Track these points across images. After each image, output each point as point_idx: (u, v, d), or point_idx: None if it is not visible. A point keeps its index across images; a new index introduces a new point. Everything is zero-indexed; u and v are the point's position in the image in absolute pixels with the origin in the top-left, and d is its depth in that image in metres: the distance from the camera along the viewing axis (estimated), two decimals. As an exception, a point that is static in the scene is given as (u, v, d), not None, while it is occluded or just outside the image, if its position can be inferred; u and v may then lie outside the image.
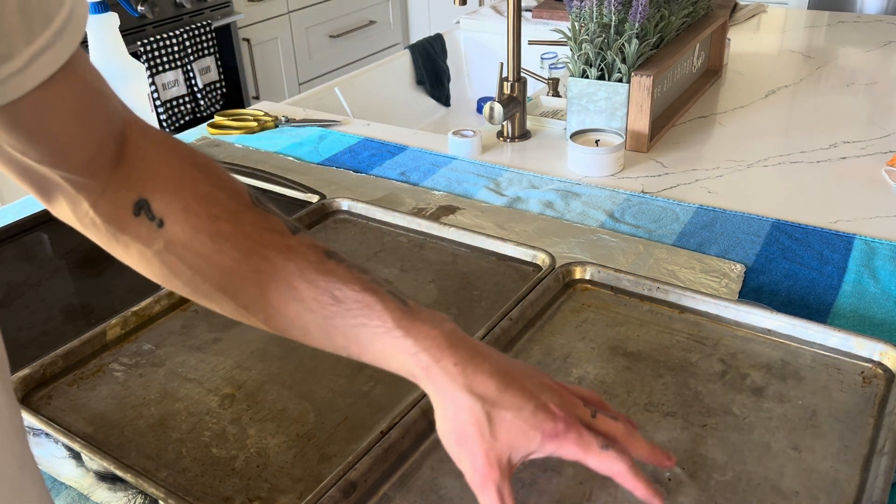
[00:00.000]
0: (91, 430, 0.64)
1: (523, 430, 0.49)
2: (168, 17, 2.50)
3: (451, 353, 0.50)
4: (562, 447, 0.50)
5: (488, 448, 0.49)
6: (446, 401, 0.50)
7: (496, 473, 0.49)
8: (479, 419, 0.49)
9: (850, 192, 1.02)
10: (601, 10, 1.12)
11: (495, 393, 0.49)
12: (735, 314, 0.73)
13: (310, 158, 1.18)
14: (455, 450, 0.51)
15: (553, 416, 0.50)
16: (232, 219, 0.50)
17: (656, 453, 0.53)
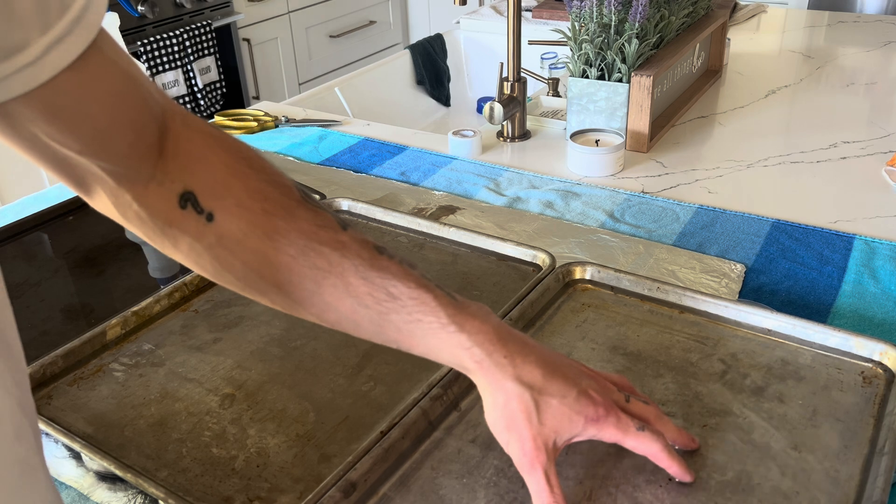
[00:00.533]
0: (91, 430, 0.64)
1: (568, 416, 0.53)
2: (168, 17, 2.50)
3: (502, 346, 0.53)
4: (602, 430, 0.53)
5: (536, 433, 0.52)
6: (497, 391, 0.53)
7: (543, 456, 0.52)
8: (528, 406, 0.52)
9: (850, 192, 1.02)
10: (601, 10, 1.12)
11: (542, 381, 0.53)
12: (735, 314, 0.73)
13: (310, 158, 1.18)
14: (504, 435, 0.53)
15: (594, 402, 0.53)
16: (286, 215, 0.50)
17: (683, 435, 0.58)
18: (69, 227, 1.00)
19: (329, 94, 1.53)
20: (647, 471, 0.57)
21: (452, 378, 0.65)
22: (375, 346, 0.72)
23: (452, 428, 0.62)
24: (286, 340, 0.74)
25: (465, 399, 0.65)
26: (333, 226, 0.52)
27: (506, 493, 0.56)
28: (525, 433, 0.52)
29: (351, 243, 0.52)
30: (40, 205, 1.06)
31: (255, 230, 0.50)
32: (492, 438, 0.61)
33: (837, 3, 2.52)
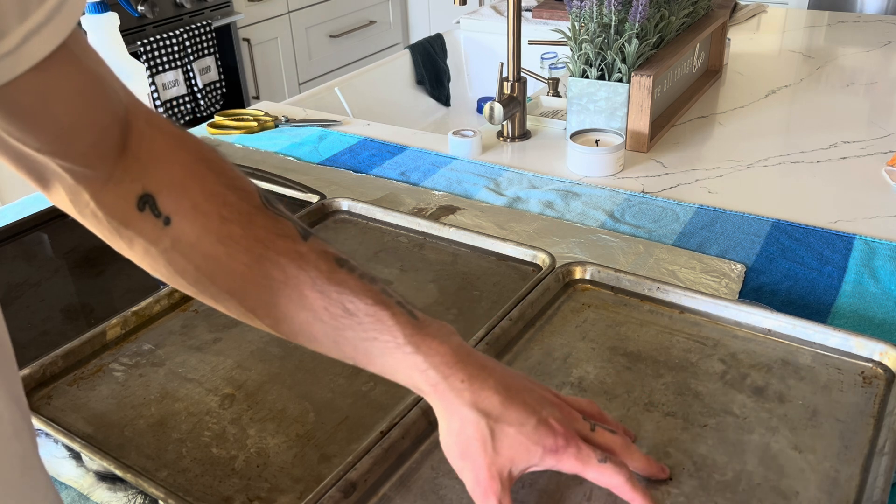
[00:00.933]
0: (91, 430, 0.64)
1: (525, 445, 0.51)
2: (168, 17, 2.50)
3: (460, 370, 0.51)
4: (561, 461, 0.51)
5: (490, 462, 0.50)
6: (452, 416, 0.51)
7: (497, 486, 0.51)
8: (484, 434, 0.50)
9: (850, 192, 1.02)
10: (601, 10, 1.12)
11: (499, 409, 0.51)
12: (735, 314, 0.73)
13: (310, 158, 1.18)
14: (458, 462, 0.52)
15: (553, 432, 0.51)
16: (243, 221, 0.49)
17: (652, 465, 0.56)
18: (69, 227, 1.00)
19: (329, 94, 1.53)
20: (647, 471, 0.57)
21: (452, 378, 0.65)
22: (375, 346, 0.72)
23: (452, 428, 0.62)
24: (286, 340, 0.73)
25: (465, 399, 0.65)
26: (293, 235, 0.50)
27: (506, 493, 0.56)
28: (480, 462, 0.51)
29: (309, 254, 0.50)
30: (40, 205, 1.06)
31: (209, 235, 0.48)
32: (492, 438, 0.61)
33: (837, 3, 2.52)
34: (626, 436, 0.56)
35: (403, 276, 0.83)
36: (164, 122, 0.50)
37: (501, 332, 0.71)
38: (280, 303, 0.50)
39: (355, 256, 0.86)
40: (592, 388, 0.66)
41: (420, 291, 0.80)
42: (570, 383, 0.66)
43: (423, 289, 0.81)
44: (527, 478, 0.57)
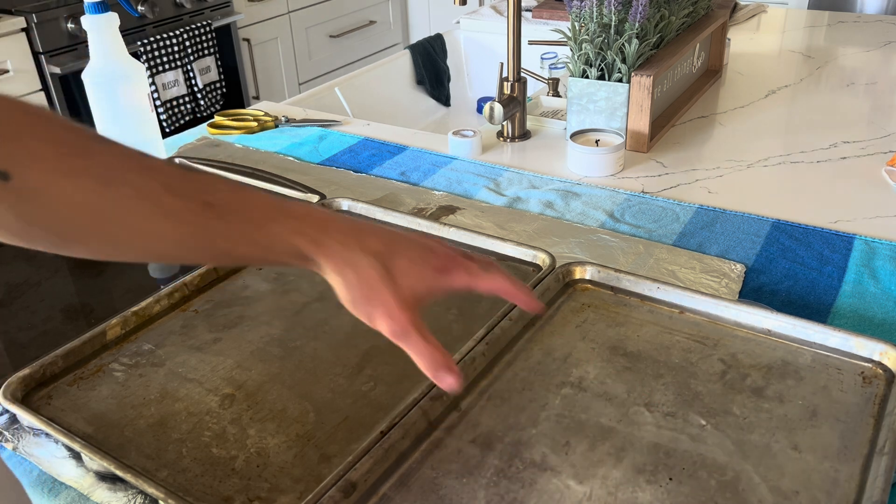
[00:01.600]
0: (91, 430, 0.64)
1: (418, 271, 0.55)
2: (168, 17, 2.50)
3: (335, 223, 0.54)
4: (452, 277, 0.56)
5: (395, 295, 0.53)
6: (345, 268, 0.53)
7: (410, 314, 0.53)
8: (380, 272, 0.53)
9: (850, 192, 1.02)
10: (601, 10, 1.12)
11: (385, 247, 0.54)
12: (735, 314, 0.73)
13: (310, 158, 1.18)
14: (367, 309, 0.53)
15: (438, 255, 0.56)
16: (83, 153, 0.47)
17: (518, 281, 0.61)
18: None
19: (329, 94, 1.53)
20: (647, 471, 0.57)
21: (452, 378, 0.65)
22: (375, 346, 0.72)
23: (452, 428, 0.62)
24: (286, 340, 0.74)
25: (465, 399, 0.65)
26: (135, 154, 0.49)
27: (506, 493, 0.56)
28: (387, 297, 0.53)
29: (157, 164, 0.50)
30: (40, 205, 1.06)
31: (54, 175, 0.46)
32: (492, 438, 0.61)
33: (837, 3, 2.52)
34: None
35: (403, 276, 0.83)
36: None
37: (501, 332, 0.71)
38: (140, 221, 0.49)
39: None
40: (592, 388, 0.66)
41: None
42: (570, 383, 0.66)
43: (423, 289, 0.81)
44: (526, 478, 0.57)
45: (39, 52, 2.22)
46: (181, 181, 0.50)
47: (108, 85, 1.08)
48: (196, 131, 1.31)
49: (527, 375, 0.68)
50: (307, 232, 0.52)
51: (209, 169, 0.53)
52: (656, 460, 0.58)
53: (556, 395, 0.65)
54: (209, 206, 0.50)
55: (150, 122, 1.14)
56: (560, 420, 0.62)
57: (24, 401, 0.66)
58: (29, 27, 2.18)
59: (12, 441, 0.64)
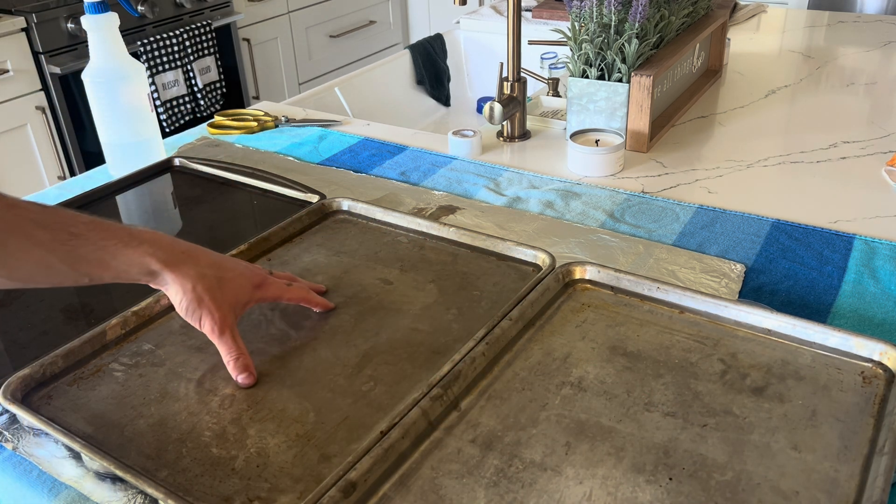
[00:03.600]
0: (91, 430, 0.64)
1: (239, 285, 0.70)
2: (168, 17, 2.50)
3: (177, 247, 0.67)
4: (265, 292, 0.72)
5: (221, 302, 0.67)
6: (185, 280, 0.66)
7: (231, 319, 0.68)
8: (212, 283, 0.67)
9: (850, 192, 1.02)
10: (601, 10, 1.12)
11: (216, 265, 0.69)
12: (735, 314, 0.73)
13: (310, 158, 1.18)
14: (197, 312, 0.67)
15: (254, 273, 0.72)
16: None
17: (313, 285, 0.79)
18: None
19: (329, 94, 1.53)
20: (646, 471, 0.57)
21: (452, 378, 0.65)
22: (375, 346, 0.72)
23: (452, 428, 0.62)
24: (286, 340, 0.74)
25: (465, 399, 0.65)
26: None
27: (506, 493, 0.56)
28: (213, 304, 0.67)
29: (20, 202, 0.60)
30: (40, 205, 1.06)
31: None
32: (492, 438, 0.61)
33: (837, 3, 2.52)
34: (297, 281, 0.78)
35: (403, 276, 0.83)
36: None
37: (501, 332, 0.71)
38: (10, 249, 0.58)
39: (355, 256, 0.87)
40: (592, 387, 0.66)
41: (420, 291, 0.80)
42: (570, 383, 0.66)
43: (423, 289, 0.81)
44: (526, 478, 0.57)
45: (39, 52, 2.22)
46: (45, 215, 0.60)
47: (108, 85, 1.08)
48: (196, 131, 1.31)
49: (527, 375, 0.68)
50: (158, 254, 0.65)
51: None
52: (656, 460, 0.58)
53: (556, 395, 0.65)
54: (74, 236, 0.61)
55: (150, 122, 1.14)
56: (560, 420, 0.62)
57: (24, 401, 0.66)
58: (29, 27, 2.18)
59: (12, 441, 0.64)
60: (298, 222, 0.93)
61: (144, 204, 1.07)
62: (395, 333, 0.74)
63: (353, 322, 0.76)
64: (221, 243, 0.93)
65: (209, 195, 1.06)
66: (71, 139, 2.33)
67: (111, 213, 1.04)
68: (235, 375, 0.67)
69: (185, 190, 1.08)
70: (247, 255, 0.86)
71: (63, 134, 2.32)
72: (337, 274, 0.84)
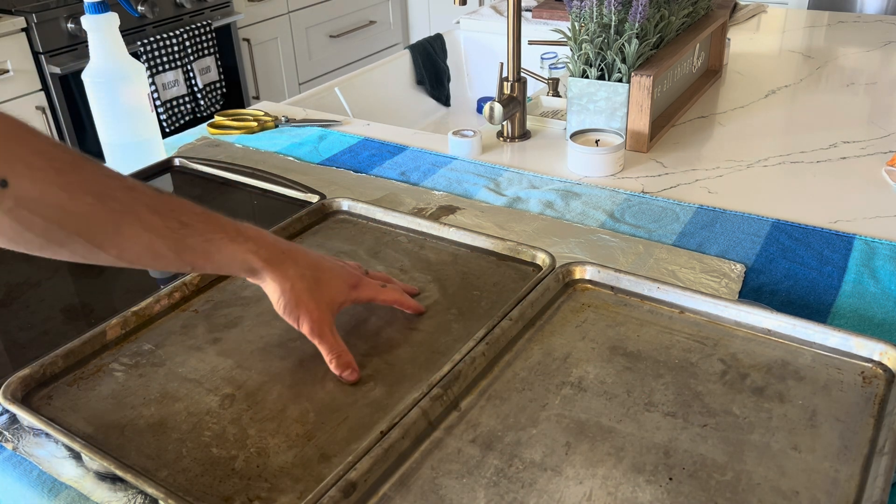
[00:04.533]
0: (91, 430, 0.64)
1: (337, 285, 0.71)
2: (168, 17, 2.50)
3: (278, 246, 0.68)
4: (361, 292, 0.72)
5: (319, 300, 0.69)
6: (284, 280, 0.67)
7: (329, 317, 0.69)
8: (310, 283, 0.68)
9: (850, 192, 1.02)
10: (601, 10, 1.12)
11: (314, 265, 0.70)
12: (735, 314, 0.73)
13: (310, 158, 1.18)
14: (296, 312, 0.68)
15: (350, 274, 0.72)
16: (75, 170, 0.56)
17: (409, 287, 0.79)
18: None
19: (329, 94, 1.53)
20: (646, 471, 0.57)
21: (452, 378, 0.65)
22: (375, 346, 0.72)
23: (452, 428, 0.62)
24: (286, 340, 0.74)
25: (465, 399, 0.65)
26: (118, 175, 0.60)
27: (506, 492, 0.56)
28: (312, 303, 0.68)
29: (137, 185, 0.61)
30: (40, 205, 1.06)
31: (52, 187, 0.54)
32: (492, 438, 0.61)
33: (837, 3, 2.52)
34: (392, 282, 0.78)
35: (403, 276, 0.83)
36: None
37: (501, 332, 0.71)
38: (124, 231, 0.59)
39: (355, 256, 0.87)
40: (592, 387, 0.66)
41: (420, 291, 0.80)
42: (570, 383, 0.66)
43: (423, 289, 0.81)
44: (526, 478, 0.57)
45: (39, 52, 2.22)
46: (159, 202, 0.61)
47: (108, 85, 1.08)
48: (196, 131, 1.31)
49: (527, 375, 0.68)
50: (260, 252, 0.66)
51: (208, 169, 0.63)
52: (656, 460, 0.58)
53: (556, 395, 0.65)
54: (184, 224, 0.62)
55: (150, 122, 1.14)
56: (560, 420, 0.62)
57: (24, 401, 0.66)
58: (29, 27, 2.18)
59: (12, 441, 0.64)
60: (298, 222, 0.93)
61: (144, 204, 1.06)
62: (395, 333, 0.74)
63: (354, 322, 0.76)
64: (221, 243, 0.93)
65: (209, 195, 1.06)
66: (71, 139, 2.33)
67: (111, 213, 1.03)
68: (339, 373, 0.68)
69: (185, 190, 1.08)
70: (247, 255, 0.86)
71: (63, 134, 2.32)
72: (337, 274, 0.84)
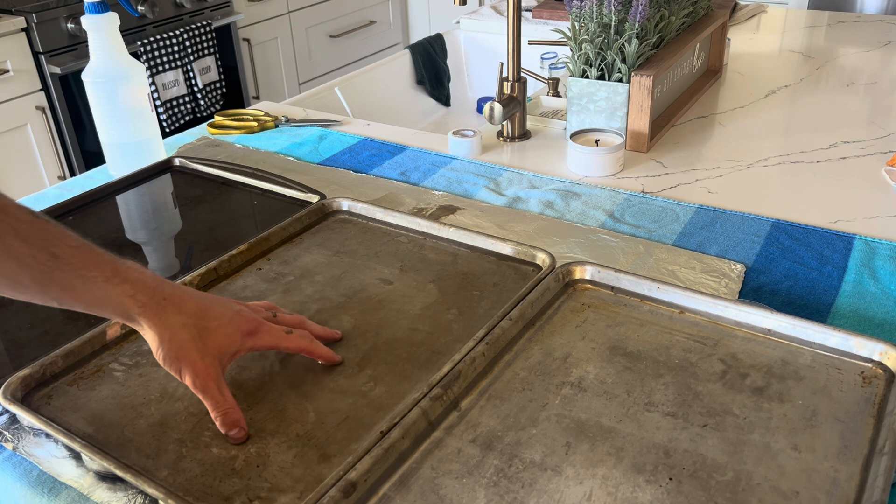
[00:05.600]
0: (91, 430, 0.64)
1: (226, 334, 0.63)
2: (168, 17, 2.50)
3: (160, 291, 0.62)
4: (259, 340, 0.65)
5: (203, 353, 0.62)
6: (163, 328, 0.61)
7: (214, 371, 0.62)
8: (192, 333, 0.62)
9: (850, 192, 1.02)
10: (601, 10, 1.12)
11: (199, 312, 0.63)
12: (735, 314, 0.73)
13: (310, 158, 1.18)
14: (177, 364, 0.61)
15: (246, 320, 0.65)
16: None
17: (326, 331, 0.71)
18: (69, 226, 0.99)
19: (329, 94, 1.53)
20: (646, 471, 0.57)
21: (452, 378, 0.65)
22: (375, 347, 0.72)
23: (452, 428, 0.62)
24: (286, 340, 0.73)
25: (465, 399, 0.65)
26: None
27: (506, 492, 0.56)
28: (194, 356, 0.61)
29: (8, 206, 0.56)
30: (40, 205, 1.06)
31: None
32: (492, 438, 0.61)
33: (837, 3, 2.52)
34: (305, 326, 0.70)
35: (403, 276, 0.83)
36: None
37: (501, 332, 0.71)
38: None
39: (355, 256, 0.87)
40: (592, 387, 0.66)
41: (420, 291, 0.80)
42: (570, 383, 0.66)
43: (423, 289, 0.81)
44: (526, 478, 0.57)
45: (39, 52, 2.22)
46: (32, 229, 0.56)
47: (108, 85, 1.08)
48: (196, 131, 1.31)
49: (527, 375, 0.68)
50: (139, 297, 0.60)
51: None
52: (656, 460, 0.58)
53: (556, 395, 0.65)
54: (55, 257, 0.57)
55: (150, 122, 1.14)
56: (560, 420, 0.62)
57: (24, 401, 0.66)
58: (29, 27, 2.18)
59: (12, 441, 0.64)
60: (298, 222, 0.93)
61: (144, 204, 1.06)
62: (395, 333, 0.74)
63: (354, 322, 0.76)
64: (221, 243, 0.93)
65: (209, 195, 1.06)
66: (71, 139, 2.33)
67: (111, 213, 1.04)
68: (225, 431, 0.62)
69: (185, 190, 1.08)
70: (247, 255, 0.86)
71: (63, 134, 2.32)
72: (337, 274, 0.84)
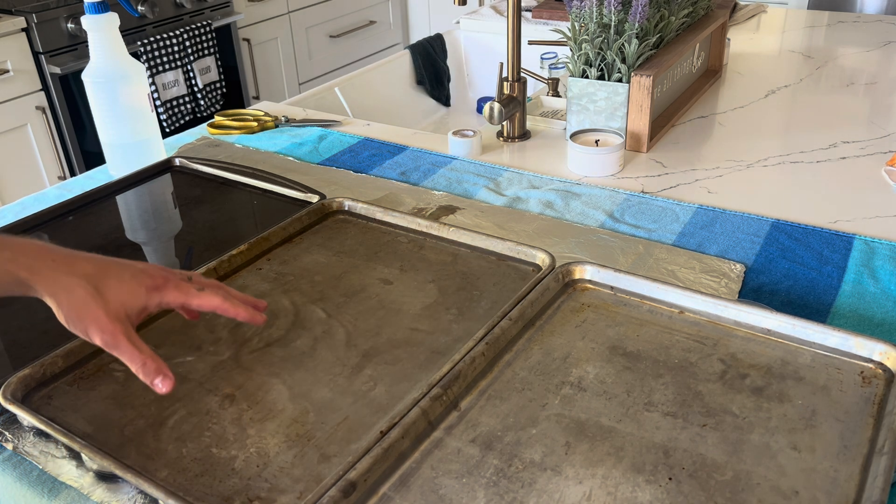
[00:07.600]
0: (91, 430, 0.64)
1: (128, 289, 0.61)
2: (168, 17, 2.50)
3: (49, 254, 0.61)
4: (165, 295, 0.63)
5: (105, 310, 0.60)
6: (58, 290, 0.59)
7: (121, 326, 0.60)
8: (89, 291, 0.60)
9: (850, 192, 1.02)
10: (601, 10, 1.12)
11: (95, 270, 0.61)
12: (735, 314, 0.73)
13: (310, 158, 1.18)
14: (80, 325, 0.60)
15: (150, 275, 0.63)
16: None
17: (248, 298, 0.68)
18: (69, 227, 1.00)
19: (329, 94, 1.53)
20: (646, 471, 0.57)
21: (452, 378, 0.65)
22: (375, 346, 0.72)
23: (452, 428, 0.62)
24: (286, 340, 0.74)
25: (464, 399, 0.65)
26: None
27: (506, 492, 0.56)
28: (97, 313, 0.59)
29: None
30: (40, 205, 1.06)
31: None
32: (492, 438, 0.61)
33: (837, 3, 2.52)
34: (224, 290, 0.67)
35: (403, 276, 0.83)
36: None
37: (501, 332, 0.71)
38: None
39: (355, 256, 0.87)
40: (592, 387, 0.66)
41: (420, 291, 0.80)
42: (569, 383, 0.66)
43: (423, 289, 0.81)
44: (526, 478, 0.57)
45: (39, 52, 2.22)
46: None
47: (108, 85, 1.08)
48: (196, 131, 1.31)
49: (526, 375, 0.68)
50: (21, 261, 0.59)
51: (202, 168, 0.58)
52: (656, 460, 0.58)
53: (555, 395, 0.65)
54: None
55: (150, 122, 1.14)
56: (560, 420, 0.62)
57: (24, 401, 0.66)
58: (29, 27, 2.18)
59: (12, 441, 0.64)
60: (298, 222, 0.93)
61: (144, 204, 1.07)
62: (395, 333, 0.74)
63: (354, 322, 0.76)
64: (221, 243, 0.93)
65: (209, 195, 1.06)
66: (71, 139, 2.33)
67: (111, 213, 1.04)
68: (150, 381, 0.60)
69: (185, 190, 1.08)
70: (247, 255, 0.86)
71: (63, 134, 2.32)
72: (337, 274, 0.84)
